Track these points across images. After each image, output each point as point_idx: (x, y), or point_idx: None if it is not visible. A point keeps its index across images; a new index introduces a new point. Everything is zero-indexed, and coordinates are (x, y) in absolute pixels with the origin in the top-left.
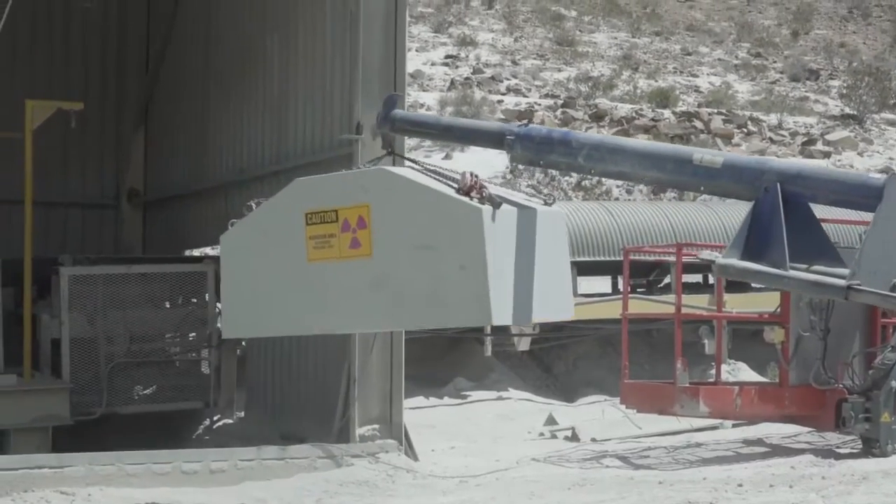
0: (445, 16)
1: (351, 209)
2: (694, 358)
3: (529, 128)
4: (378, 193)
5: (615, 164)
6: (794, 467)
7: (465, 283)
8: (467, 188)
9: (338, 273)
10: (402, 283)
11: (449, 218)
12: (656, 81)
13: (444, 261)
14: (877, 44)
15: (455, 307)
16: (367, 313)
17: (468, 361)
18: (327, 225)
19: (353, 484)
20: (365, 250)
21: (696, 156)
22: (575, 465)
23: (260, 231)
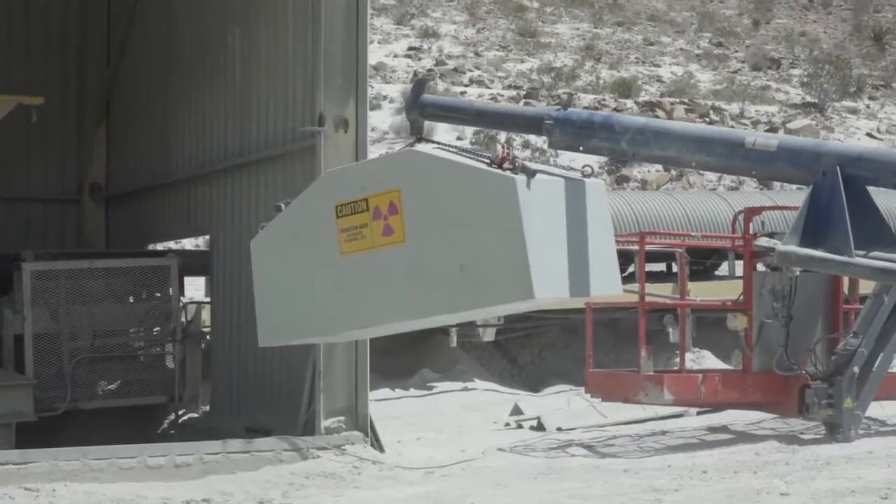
0: (408, 7)
1: (381, 196)
2: (658, 346)
3: (569, 111)
4: (408, 176)
5: (661, 148)
6: (758, 453)
7: (503, 257)
8: (500, 160)
9: (372, 264)
10: (439, 267)
11: (482, 191)
12: (619, 72)
13: (480, 237)
14: (837, 32)
15: (495, 284)
16: (406, 303)
17: (434, 352)
18: (358, 215)
19: (319, 476)
20: (398, 237)
21: (749, 139)
22: (541, 455)
23: (290, 232)
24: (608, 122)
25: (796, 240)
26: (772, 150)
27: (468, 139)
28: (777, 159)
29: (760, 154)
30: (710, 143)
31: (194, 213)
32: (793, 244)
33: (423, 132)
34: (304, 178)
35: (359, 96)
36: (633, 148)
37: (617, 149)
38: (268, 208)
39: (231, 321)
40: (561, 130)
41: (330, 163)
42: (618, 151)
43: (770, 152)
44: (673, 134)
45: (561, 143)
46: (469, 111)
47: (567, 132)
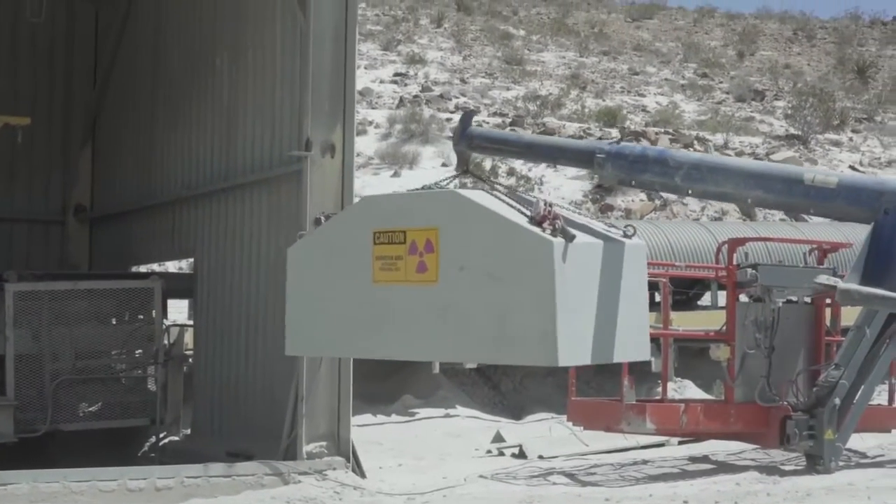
0: (394, 34)
1: (419, 231)
2: (641, 376)
3: (622, 146)
4: (447, 217)
5: (716, 185)
6: (739, 484)
7: (531, 319)
8: (540, 218)
9: (403, 297)
10: (467, 315)
11: (518, 249)
12: (604, 100)
13: (511, 294)
14: (821, 65)
15: (520, 345)
16: (430, 343)
17: (416, 379)
18: (395, 246)
19: (300, 501)
20: (431, 276)
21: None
22: (522, 483)
23: (327, 247)
24: (662, 157)
25: (857, 278)
26: (831, 187)
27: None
28: (837, 196)
29: (820, 191)
30: (768, 180)
31: (179, 236)
32: (854, 282)
33: (470, 164)
34: (289, 202)
35: (346, 122)
36: (688, 184)
37: (670, 184)
38: (253, 232)
39: (214, 345)
40: (613, 164)
41: (316, 188)
42: (671, 187)
43: (829, 189)
44: (729, 170)
45: (613, 177)
46: (518, 144)
47: (619, 166)
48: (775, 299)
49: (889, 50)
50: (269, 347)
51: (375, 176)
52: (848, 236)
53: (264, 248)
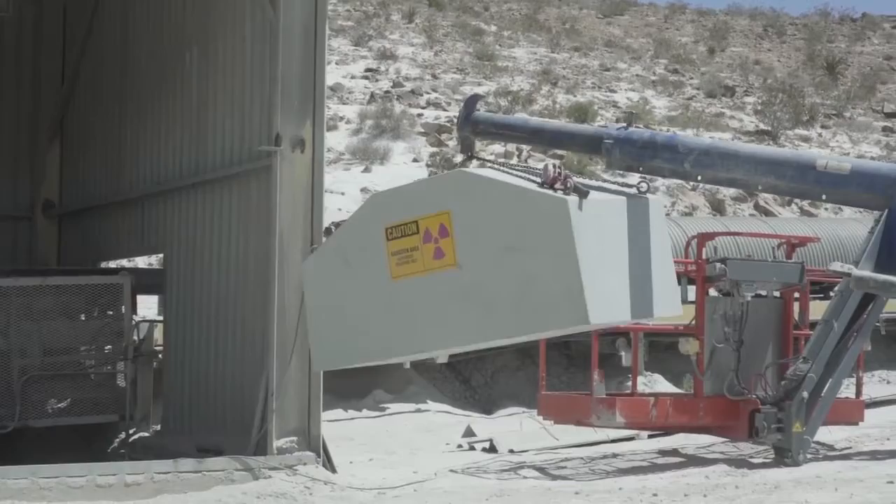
0: (366, 29)
1: (431, 218)
2: (611, 370)
3: (630, 131)
4: (457, 197)
5: (727, 171)
6: (708, 477)
7: (556, 282)
8: (551, 180)
9: (424, 288)
10: (491, 291)
11: (533, 213)
12: (575, 96)
13: (532, 261)
14: (791, 61)
15: (548, 310)
16: (458, 328)
17: (387, 374)
18: (409, 238)
19: (270, 496)
20: (449, 260)
21: (821, 162)
22: (493, 477)
23: (341, 254)
24: (671, 143)
25: (871, 265)
26: (844, 173)
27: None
28: (850, 183)
29: (833, 177)
30: (779, 166)
31: (148, 232)
32: (868, 269)
33: (475, 150)
34: (259, 197)
35: (316, 117)
36: (698, 170)
37: (680, 170)
38: (223, 228)
39: (184, 340)
40: (621, 150)
41: (286, 183)
42: (681, 173)
43: (842, 176)
44: (741, 156)
45: (620, 163)
46: (524, 129)
47: (628, 152)
48: (744, 293)
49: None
50: (238, 343)
51: (346, 171)
52: (816, 231)
53: (234, 244)
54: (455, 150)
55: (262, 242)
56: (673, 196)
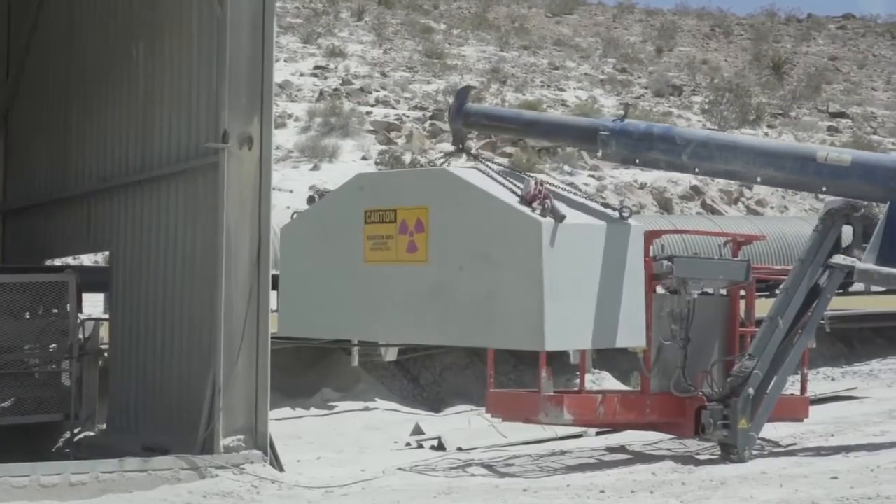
0: (315, 27)
1: (410, 210)
2: (559, 367)
3: (626, 123)
4: (437, 195)
5: (725, 162)
6: (654, 473)
7: (519, 301)
8: (530, 197)
9: (393, 278)
10: (457, 296)
11: (507, 227)
12: (524, 95)
13: (499, 274)
14: (738, 61)
15: (507, 328)
16: (420, 325)
17: (335, 372)
18: (385, 225)
19: (216, 495)
20: (421, 256)
21: (821, 153)
22: (441, 474)
23: (319, 226)
24: (668, 134)
25: (874, 258)
26: (845, 165)
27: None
28: (851, 175)
29: (833, 169)
30: (778, 158)
31: (94, 229)
32: (871, 262)
33: (466, 142)
34: (206, 194)
35: (263, 114)
36: (695, 161)
37: (677, 162)
38: (169, 225)
39: (130, 338)
40: (617, 142)
41: (233, 180)
42: (677, 165)
43: (843, 167)
44: (739, 147)
45: (616, 155)
46: (517, 121)
47: (624, 144)
48: (691, 291)
49: (804, 47)
50: (185, 341)
51: (295, 169)
52: (762, 229)
53: (181, 241)
54: (404, 149)
55: (209, 240)
56: (620, 194)
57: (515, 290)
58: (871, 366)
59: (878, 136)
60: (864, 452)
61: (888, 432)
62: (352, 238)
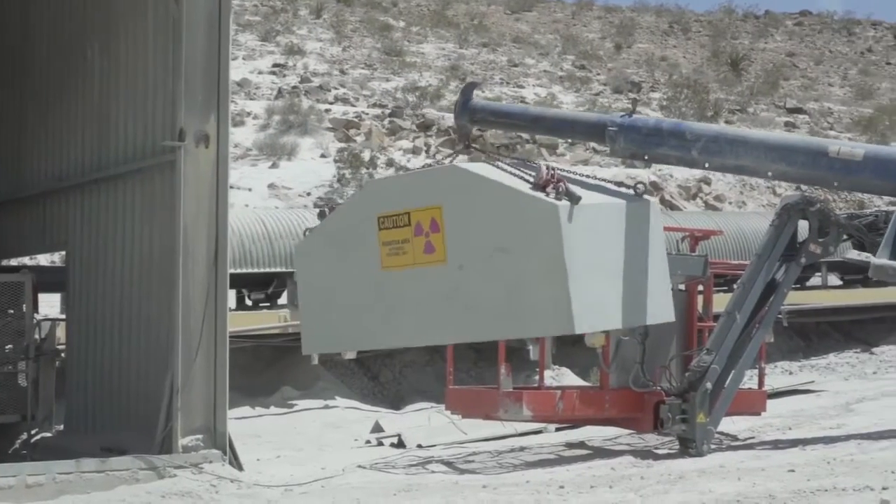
0: (273, 24)
1: (423, 211)
2: (518, 364)
3: (634, 118)
4: (449, 192)
5: (735, 157)
6: (614, 468)
7: (543, 288)
8: (543, 182)
9: (412, 281)
10: (479, 292)
11: (523, 216)
12: (483, 92)
13: (520, 264)
14: (696, 57)
15: (534, 316)
16: (444, 325)
17: (295, 370)
18: (400, 230)
19: (175, 495)
20: (439, 256)
21: (833, 148)
22: (401, 472)
23: (333, 239)
24: (678, 130)
25: (888, 253)
26: (857, 159)
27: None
28: (863, 169)
29: (845, 164)
30: (790, 152)
31: (50, 229)
32: (885, 257)
33: (472, 138)
34: (163, 193)
35: (220, 112)
36: (706, 157)
37: (687, 158)
38: (126, 224)
39: (87, 339)
40: (626, 138)
41: (190, 178)
42: (688, 160)
43: (855, 162)
44: (750, 142)
45: (625, 151)
46: (524, 117)
47: (632, 140)
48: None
49: (761, 43)
50: (143, 340)
51: (253, 167)
52: (720, 224)
53: (138, 240)
54: (363, 146)
55: (166, 239)
56: None
57: (538, 277)
58: (828, 359)
59: (834, 132)
60: (821, 445)
61: (844, 425)
62: (367, 247)
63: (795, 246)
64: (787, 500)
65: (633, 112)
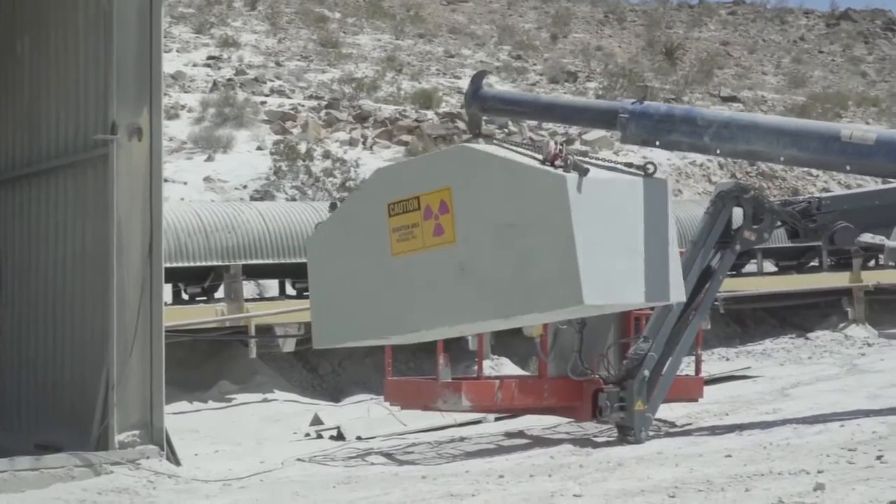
0: (207, 16)
1: (432, 194)
2: (458, 354)
3: (646, 105)
4: (458, 172)
5: (747, 143)
6: (553, 457)
7: (552, 260)
8: (552, 157)
9: (423, 265)
10: (488, 269)
11: (532, 190)
12: (420, 83)
13: (530, 238)
14: (631, 47)
15: (544, 290)
16: (456, 308)
17: (233, 364)
18: (410, 214)
19: (112, 492)
20: (448, 237)
21: (845, 132)
22: (340, 464)
23: (343, 231)
24: (690, 116)
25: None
26: (870, 143)
27: None
28: (875, 153)
29: (858, 148)
30: (802, 137)
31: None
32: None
33: (482, 127)
34: (96, 187)
35: (153, 105)
36: (717, 143)
37: (699, 144)
38: (58, 219)
39: (20, 335)
40: (637, 125)
41: (123, 172)
42: (699, 147)
43: (868, 146)
44: (761, 127)
45: (636, 138)
46: (534, 105)
47: (644, 126)
48: None
49: (696, 32)
50: (77, 336)
51: (189, 160)
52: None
53: (70, 235)
54: (299, 138)
55: (99, 233)
56: None
57: (548, 250)
58: (764, 345)
59: None
60: (758, 430)
61: (780, 410)
62: (378, 236)
63: (730, 233)
64: (724, 485)
65: (643, 99)
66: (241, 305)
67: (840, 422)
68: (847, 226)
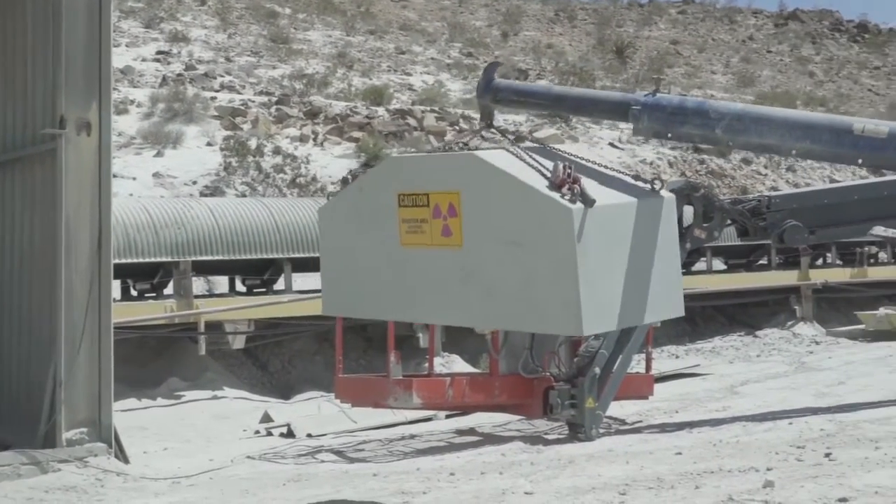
0: (157, 11)
1: (442, 195)
2: (409, 351)
3: (658, 97)
4: (467, 180)
5: (759, 136)
6: (504, 454)
7: (554, 287)
8: (560, 181)
9: (429, 261)
10: (492, 280)
11: (537, 214)
12: (370, 79)
13: (533, 260)
14: (582, 45)
15: (545, 312)
16: (457, 307)
17: (182, 361)
18: (419, 209)
19: (59, 490)
20: (455, 240)
21: (858, 125)
22: (290, 462)
23: (355, 207)
24: (702, 109)
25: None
26: (882, 136)
27: None
28: (888, 146)
29: (869, 141)
30: (815, 130)
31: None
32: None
33: (493, 118)
34: (44, 182)
35: (102, 99)
36: (730, 135)
37: (711, 136)
38: (6, 214)
39: None
40: (649, 117)
41: (71, 167)
42: (711, 139)
43: (880, 139)
44: (774, 120)
45: (648, 130)
46: (547, 96)
47: (656, 119)
48: None
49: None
50: (24, 333)
51: (138, 156)
52: None
53: (18, 230)
54: (250, 134)
55: (47, 229)
56: None
57: (550, 277)
58: (714, 343)
59: None
60: (707, 427)
61: (730, 408)
62: (388, 221)
63: (680, 231)
64: (674, 482)
65: (656, 91)
66: (191, 302)
67: (789, 419)
68: (796, 224)
